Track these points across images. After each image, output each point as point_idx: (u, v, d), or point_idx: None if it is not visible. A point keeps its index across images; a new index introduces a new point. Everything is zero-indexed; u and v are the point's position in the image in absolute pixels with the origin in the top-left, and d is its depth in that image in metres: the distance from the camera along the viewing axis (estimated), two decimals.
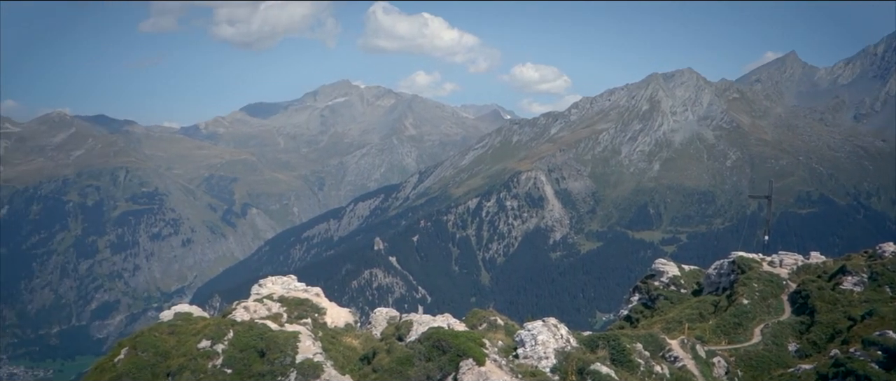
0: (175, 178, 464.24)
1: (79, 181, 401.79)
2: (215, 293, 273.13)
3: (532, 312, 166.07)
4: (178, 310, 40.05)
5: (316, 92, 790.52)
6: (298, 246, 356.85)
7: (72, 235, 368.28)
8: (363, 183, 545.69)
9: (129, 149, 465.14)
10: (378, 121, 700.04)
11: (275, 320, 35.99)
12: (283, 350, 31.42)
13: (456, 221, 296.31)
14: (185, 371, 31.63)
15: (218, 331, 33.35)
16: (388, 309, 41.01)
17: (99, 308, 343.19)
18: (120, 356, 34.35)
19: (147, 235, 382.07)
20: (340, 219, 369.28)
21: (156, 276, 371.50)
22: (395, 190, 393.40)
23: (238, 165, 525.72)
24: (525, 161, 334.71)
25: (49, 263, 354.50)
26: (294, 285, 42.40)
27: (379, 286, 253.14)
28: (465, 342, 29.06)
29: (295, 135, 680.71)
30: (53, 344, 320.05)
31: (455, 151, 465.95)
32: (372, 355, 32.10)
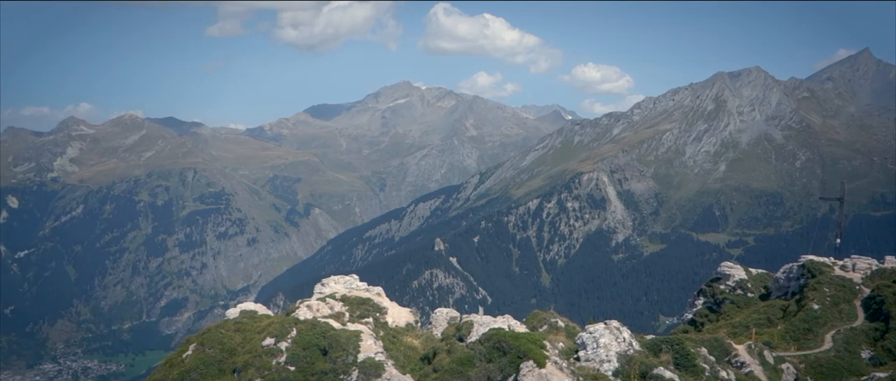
0: (240, 178, 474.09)
1: (149, 182, 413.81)
2: (279, 292, 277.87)
3: (593, 314, 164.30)
4: (244, 308, 40.90)
5: (377, 94, 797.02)
6: (360, 246, 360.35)
7: (143, 233, 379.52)
8: (424, 184, 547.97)
9: (197, 150, 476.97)
10: (439, 122, 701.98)
11: (337, 319, 36.44)
12: (345, 349, 31.80)
13: (516, 222, 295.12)
14: (250, 368, 32.28)
15: (282, 329, 33.93)
16: (449, 309, 41.09)
17: (168, 305, 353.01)
18: (188, 352, 35.25)
19: (214, 234, 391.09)
20: (401, 219, 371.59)
21: (222, 274, 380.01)
22: (455, 191, 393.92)
23: (301, 165, 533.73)
24: (586, 162, 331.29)
25: (121, 260, 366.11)
26: (356, 285, 42.85)
27: (439, 287, 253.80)
28: (526, 343, 28.93)
29: (357, 136, 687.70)
30: (125, 339, 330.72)
31: (516, 152, 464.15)
32: (432, 355, 32.21)
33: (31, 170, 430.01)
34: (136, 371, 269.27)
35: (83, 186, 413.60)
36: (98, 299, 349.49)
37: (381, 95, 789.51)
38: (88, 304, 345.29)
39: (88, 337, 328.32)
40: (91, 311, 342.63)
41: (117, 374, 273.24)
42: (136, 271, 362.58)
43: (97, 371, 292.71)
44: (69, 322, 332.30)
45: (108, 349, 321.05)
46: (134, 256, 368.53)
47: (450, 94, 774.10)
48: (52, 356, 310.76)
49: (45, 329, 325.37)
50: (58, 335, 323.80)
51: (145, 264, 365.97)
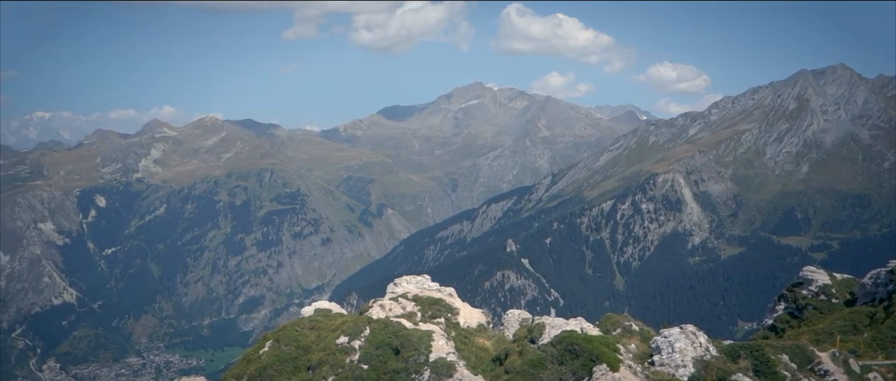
0: (315, 179, 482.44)
1: (228, 182, 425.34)
2: (352, 291, 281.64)
3: (668, 318, 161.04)
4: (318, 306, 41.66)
5: (450, 95, 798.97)
6: (432, 246, 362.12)
7: (222, 232, 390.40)
8: (496, 185, 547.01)
9: (274, 151, 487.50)
10: (511, 123, 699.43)
11: (409, 318, 36.73)
12: (417, 348, 32.02)
13: (589, 223, 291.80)
14: (325, 366, 32.84)
15: (355, 328, 34.42)
16: (521, 311, 40.97)
17: (246, 302, 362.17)
18: (265, 349, 36.12)
19: (290, 233, 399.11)
20: (473, 220, 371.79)
21: (297, 273, 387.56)
22: (527, 192, 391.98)
23: (375, 166, 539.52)
24: (662, 163, 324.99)
25: (201, 259, 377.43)
26: (428, 285, 43.11)
27: (511, 288, 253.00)
28: (599, 346, 28.59)
29: (429, 137, 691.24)
30: (205, 335, 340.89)
31: (589, 153, 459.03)
32: (504, 356, 32.14)
33: (117, 171, 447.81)
34: (215, 366, 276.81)
35: (166, 186, 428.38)
36: (180, 295, 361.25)
37: (454, 96, 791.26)
38: (171, 300, 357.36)
39: (170, 332, 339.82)
40: (173, 307, 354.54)
41: (197, 369, 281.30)
42: (215, 269, 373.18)
43: (178, 366, 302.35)
44: (153, 318, 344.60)
45: (189, 344, 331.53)
46: (214, 254, 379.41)
47: (522, 94, 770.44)
48: (136, 350, 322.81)
49: (130, 324, 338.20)
50: (142, 330, 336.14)
51: (224, 263, 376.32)
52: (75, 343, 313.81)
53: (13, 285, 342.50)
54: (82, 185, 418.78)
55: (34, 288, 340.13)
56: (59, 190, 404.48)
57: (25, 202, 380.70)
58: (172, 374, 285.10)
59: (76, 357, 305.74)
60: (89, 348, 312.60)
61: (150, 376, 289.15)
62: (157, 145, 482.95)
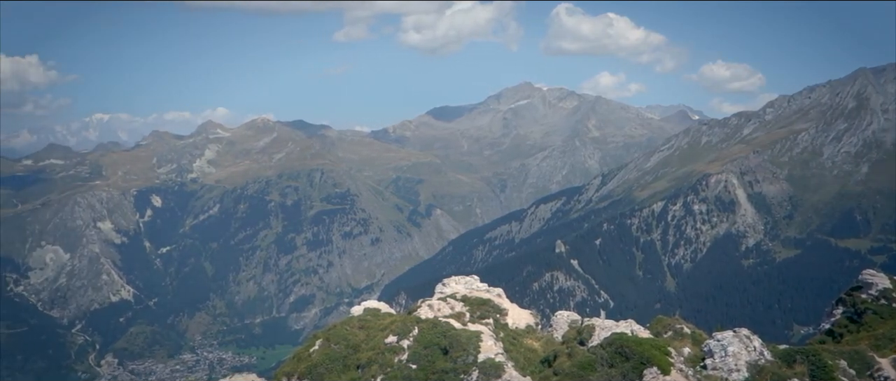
0: (365, 179, 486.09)
1: (280, 182, 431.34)
2: (401, 291, 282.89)
3: (721, 321, 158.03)
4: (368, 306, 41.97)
5: (499, 95, 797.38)
6: (480, 247, 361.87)
7: (273, 232, 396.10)
8: (545, 185, 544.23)
9: (324, 152, 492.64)
10: (560, 123, 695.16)
11: (458, 318, 36.76)
12: (465, 349, 32.04)
13: (640, 224, 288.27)
14: (374, 365, 33.09)
15: (404, 328, 34.59)
16: (570, 312, 40.67)
17: (296, 301, 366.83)
18: (315, 347, 36.53)
19: (339, 233, 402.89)
20: (522, 221, 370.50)
21: (347, 272, 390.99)
22: (577, 192, 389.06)
23: (423, 167, 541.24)
24: (715, 163, 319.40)
25: (253, 258, 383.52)
26: (476, 286, 43.07)
27: (560, 289, 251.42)
28: (650, 349, 28.25)
29: (478, 137, 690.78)
30: (257, 333, 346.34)
31: (639, 153, 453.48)
32: (553, 357, 31.96)
33: (172, 171, 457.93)
34: (267, 364, 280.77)
35: (219, 186, 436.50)
36: (232, 293, 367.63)
37: (503, 96, 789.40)
38: (224, 298, 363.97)
39: (223, 330, 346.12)
40: (226, 305, 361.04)
41: (249, 366, 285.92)
42: (267, 268, 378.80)
43: (231, 363, 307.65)
44: (206, 315, 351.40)
45: (242, 342, 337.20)
46: (265, 253, 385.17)
47: (571, 94, 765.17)
48: (190, 346, 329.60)
49: (185, 321, 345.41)
50: (196, 327, 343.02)
51: (276, 262, 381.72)
52: (132, 340, 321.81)
53: (73, 282, 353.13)
54: (139, 185, 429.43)
55: (93, 285, 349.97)
56: (117, 190, 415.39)
57: (85, 202, 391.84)
58: (225, 371, 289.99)
59: (133, 353, 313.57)
60: (145, 344, 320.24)
61: (203, 372, 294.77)
62: (211, 146, 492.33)
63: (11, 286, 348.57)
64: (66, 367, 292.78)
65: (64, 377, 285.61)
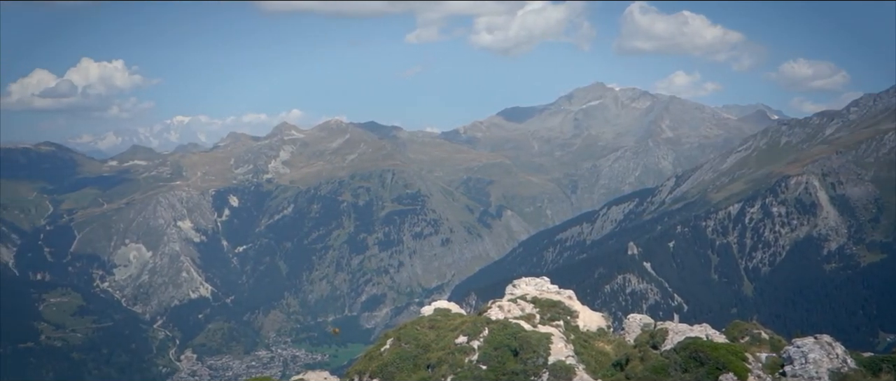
0: (435, 180, 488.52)
1: (352, 183, 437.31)
2: (471, 291, 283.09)
3: (801, 327, 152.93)
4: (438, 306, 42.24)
5: (570, 95, 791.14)
6: (551, 248, 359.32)
7: (345, 232, 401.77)
8: (617, 186, 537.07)
9: (396, 153, 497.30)
10: (633, 123, 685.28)
11: (528, 320, 36.65)
12: (535, 351, 31.92)
13: (716, 227, 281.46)
14: (444, 365, 33.26)
15: (474, 328, 34.67)
16: (642, 315, 40.09)
17: (368, 300, 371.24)
18: (386, 347, 36.97)
19: (410, 234, 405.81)
20: (593, 222, 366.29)
21: (417, 272, 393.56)
22: (650, 194, 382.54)
23: (494, 168, 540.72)
24: (794, 164, 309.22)
25: (326, 257, 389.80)
26: (547, 287, 42.86)
27: (632, 292, 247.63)
28: (726, 354, 27.62)
29: (548, 138, 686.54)
30: (329, 331, 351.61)
31: (715, 154, 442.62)
32: (625, 361, 31.56)
33: (249, 172, 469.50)
34: (339, 362, 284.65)
35: (293, 186, 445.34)
36: (306, 292, 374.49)
37: (574, 96, 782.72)
38: (297, 297, 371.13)
39: (297, 328, 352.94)
40: (299, 303, 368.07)
41: (322, 364, 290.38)
42: (339, 268, 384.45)
43: (304, 360, 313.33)
44: (280, 313, 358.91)
45: (314, 340, 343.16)
46: (337, 253, 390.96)
47: (645, 94, 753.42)
48: (265, 343, 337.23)
49: (260, 319, 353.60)
50: (270, 325, 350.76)
51: (348, 261, 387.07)
52: (210, 336, 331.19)
53: (155, 279, 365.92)
54: (217, 185, 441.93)
55: (173, 282, 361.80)
56: (197, 190, 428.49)
57: (166, 201, 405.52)
58: (298, 368, 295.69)
59: (211, 349, 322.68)
60: (223, 340, 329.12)
61: (277, 369, 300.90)
62: (286, 147, 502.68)
63: (97, 283, 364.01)
64: (148, 361, 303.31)
65: (146, 371, 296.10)
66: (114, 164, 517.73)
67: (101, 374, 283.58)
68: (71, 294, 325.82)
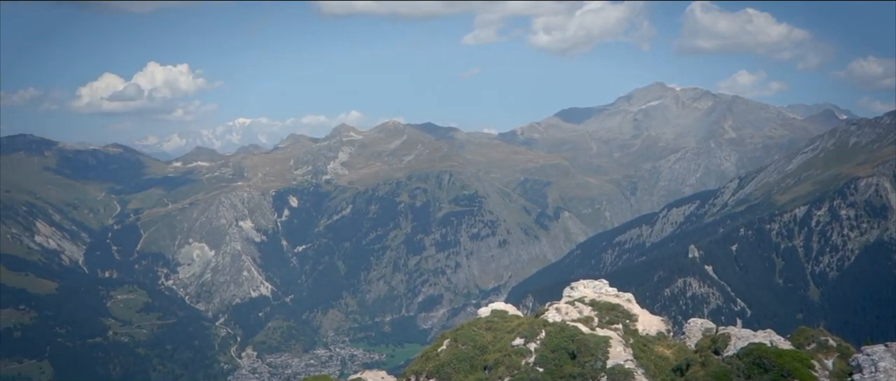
0: (492, 181, 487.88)
1: (409, 184, 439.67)
2: (528, 293, 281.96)
3: (871, 335, 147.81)
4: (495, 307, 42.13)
5: (629, 96, 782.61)
6: (609, 251, 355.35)
7: (403, 233, 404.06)
8: (677, 188, 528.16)
9: (453, 154, 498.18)
10: (694, 124, 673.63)
11: (586, 323, 36.26)
12: (593, 354, 31.54)
13: (780, 230, 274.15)
14: (500, 366, 33.13)
15: (531, 330, 34.44)
16: (703, 320, 39.34)
17: (424, 301, 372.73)
18: (442, 347, 37.00)
19: (467, 235, 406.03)
20: (653, 224, 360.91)
21: (474, 273, 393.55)
22: (711, 196, 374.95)
23: (551, 169, 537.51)
24: (864, 166, 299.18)
25: (383, 258, 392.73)
26: (605, 290, 42.37)
27: (693, 296, 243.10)
28: (791, 361, 26.84)
29: (607, 139, 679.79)
30: (386, 331, 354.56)
31: (780, 155, 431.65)
32: (685, 366, 30.96)
33: (308, 173, 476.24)
34: (396, 362, 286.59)
35: (351, 187, 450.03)
36: (363, 292, 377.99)
37: (633, 97, 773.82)
38: (355, 296, 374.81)
39: (354, 327, 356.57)
40: (357, 303, 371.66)
41: (379, 363, 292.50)
42: (396, 268, 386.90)
43: (361, 359, 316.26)
44: (339, 313, 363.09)
45: (372, 340, 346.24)
46: (395, 253, 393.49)
47: (706, 94, 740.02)
48: (323, 342, 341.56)
49: (319, 318, 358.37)
50: (329, 324, 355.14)
51: (405, 262, 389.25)
52: (270, 334, 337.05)
53: (217, 277, 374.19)
54: (277, 186, 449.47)
55: (235, 281, 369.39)
56: (258, 190, 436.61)
57: (228, 201, 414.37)
58: (356, 367, 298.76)
59: (271, 347, 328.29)
60: (282, 338, 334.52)
61: (335, 368, 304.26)
62: (344, 149, 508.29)
63: (162, 281, 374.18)
64: (211, 358, 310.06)
65: (208, 368, 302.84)
66: (178, 165, 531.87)
67: (166, 369, 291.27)
68: (137, 292, 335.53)
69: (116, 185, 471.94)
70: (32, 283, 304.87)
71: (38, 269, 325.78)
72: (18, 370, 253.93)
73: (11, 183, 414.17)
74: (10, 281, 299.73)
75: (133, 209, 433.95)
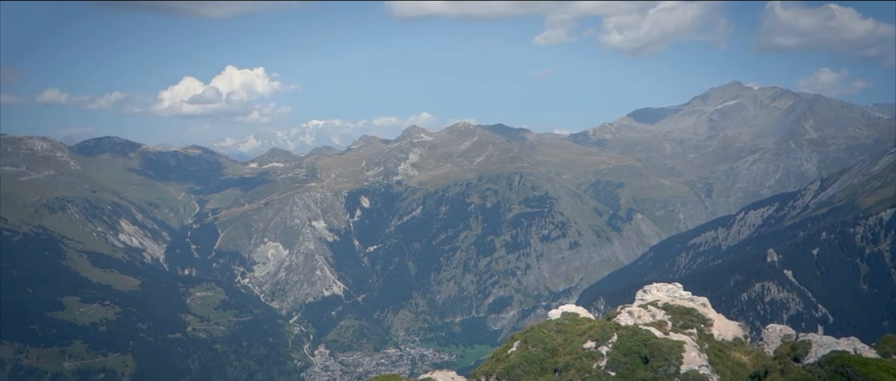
0: (563, 182, 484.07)
1: (479, 185, 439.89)
2: (600, 296, 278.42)
3: None
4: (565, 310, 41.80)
5: (705, 95, 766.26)
6: (683, 254, 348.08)
7: (473, 234, 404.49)
8: (755, 190, 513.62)
9: (523, 155, 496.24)
10: (773, 124, 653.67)
11: (659, 327, 35.64)
12: (667, 359, 30.99)
13: (865, 234, 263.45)
14: (571, 369, 32.84)
15: (603, 333, 34.05)
16: (783, 326, 38.22)
17: (495, 302, 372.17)
18: (513, 349, 36.93)
19: (537, 236, 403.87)
20: (729, 227, 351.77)
21: (545, 275, 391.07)
22: (791, 198, 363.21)
23: (624, 170, 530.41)
24: None
25: (454, 258, 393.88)
26: (679, 294, 41.58)
27: (771, 301, 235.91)
28: (877, 370, 25.82)
29: (681, 140, 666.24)
30: (456, 332, 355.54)
31: (865, 156, 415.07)
32: (763, 373, 30.12)
33: (379, 174, 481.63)
34: (465, 362, 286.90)
35: (422, 188, 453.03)
36: (433, 292, 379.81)
37: (709, 96, 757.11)
38: (425, 297, 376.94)
39: (425, 327, 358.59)
40: (427, 303, 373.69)
41: (449, 363, 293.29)
42: (466, 269, 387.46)
43: (432, 359, 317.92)
44: (409, 312, 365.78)
45: (442, 340, 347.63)
46: (465, 254, 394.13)
47: (786, 93, 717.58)
48: (394, 341, 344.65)
49: (389, 317, 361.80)
50: (399, 324, 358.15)
51: (475, 263, 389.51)
52: (342, 332, 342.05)
53: (291, 276, 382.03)
54: (349, 186, 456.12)
55: (308, 280, 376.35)
56: (330, 191, 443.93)
57: (302, 202, 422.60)
58: (426, 367, 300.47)
59: (343, 345, 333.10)
60: (353, 337, 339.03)
61: (406, 367, 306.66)
62: (415, 150, 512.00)
63: (239, 279, 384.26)
64: (284, 355, 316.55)
65: (282, 364, 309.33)
66: (254, 166, 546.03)
67: (241, 365, 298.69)
68: (214, 289, 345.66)
69: (196, 185, 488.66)
70: (117, 279, 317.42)
71: (122, 266, 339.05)
72: (103, 364, 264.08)
73: (98, 183, 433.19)
74: (96, 277, 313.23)
75: (211, 209, 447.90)
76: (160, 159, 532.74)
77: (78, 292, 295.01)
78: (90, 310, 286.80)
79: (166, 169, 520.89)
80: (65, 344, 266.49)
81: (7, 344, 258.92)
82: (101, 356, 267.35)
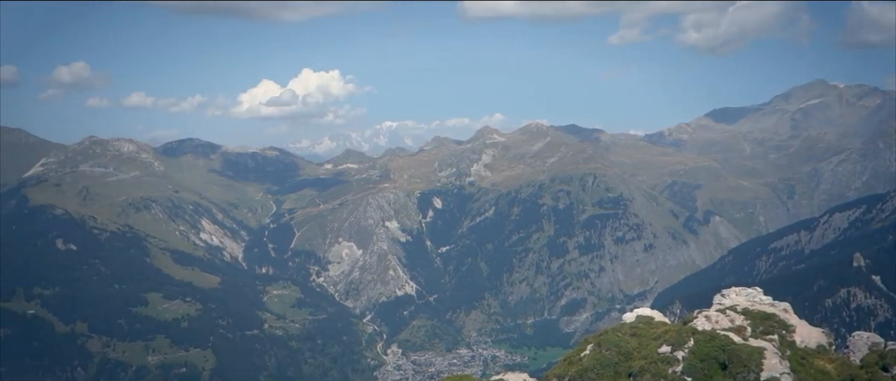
0: (638, 184, 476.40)
1: (552, 186, 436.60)
2: (676, 300, 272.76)
3: None
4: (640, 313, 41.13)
5: (787, 94, 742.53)
6: (764, 257, 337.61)
7: (545, 235, 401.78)
8: (840, 192, 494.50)
9: (597, 156, 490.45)
10: (860, 123, 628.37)
11: (738, 332, 34.71)
12: (746, 365, 30.15)
13: None
14: (646, 374, 32.26)
15: (679, 338, 33.35)
16: (870, 334, 36.79)
17: (567, 304, 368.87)
18: (586, 352, 36.52)
19: (611, 238, 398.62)
20: (813, 230, 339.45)
21: (619, 278, 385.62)
22: (879, 200, 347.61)
23: (701, 171, 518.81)
24: None
25: (526, 260, 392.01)
26: (759, 298, 40.43)
27: (858, 308, 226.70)
28: None
29: (762, 140, 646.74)
30: (528, 333, 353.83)
31: None
32: None
33: (452, 175, 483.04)
34: (537, 365, 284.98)
35: (494, 189, 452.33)
36: (506, 294, 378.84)
37: (791, 95, 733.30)
38: (497, 298, 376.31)
39: (497, 328, 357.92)
40: (499, 304, 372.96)
41: (521, 365, 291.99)
42: (538, 271, 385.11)
43: (504, 360, 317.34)
44: (481, 313, 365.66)
45: (514, 341, 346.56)
46: (537, 256, 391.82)
47: (874, 91, 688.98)
48: (466, 342, 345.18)
49: (461, 318, 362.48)
50: (471, 324, 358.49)
51: (547, 264, 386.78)
52: (414, 332, 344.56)
53: (365, 275, 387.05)
54: (422, 187, 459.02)
55: (381, 280, 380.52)
56: (403, 192, 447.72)
57: (375, 202, 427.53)
58: (498, 368, 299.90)
59: (415, 345, 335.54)
60: (425, 337, 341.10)
61: (477, 368, 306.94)
62: (487, 151, 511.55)
63: (314, 278, 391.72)
64: (358, 353, 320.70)
65: (356, 363, 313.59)
66: (329, 167, 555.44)
67: (316, 363, 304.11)
68: (291, 287, 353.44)
69: (273, 186, 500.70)
70: (198, 277, 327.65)
71: (202, 264, 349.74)
72: (185, 358, 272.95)
73: (180, 184, 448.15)
74: (178, 275, 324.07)
75: (287, 209, 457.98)
76: (239, 160, 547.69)
77: (161, 289, 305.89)
78: (173, 306, 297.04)
79: (245, 170, 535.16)
80: (148, 339, 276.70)
81: (95, 338, 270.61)
82: (183, 351, 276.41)
